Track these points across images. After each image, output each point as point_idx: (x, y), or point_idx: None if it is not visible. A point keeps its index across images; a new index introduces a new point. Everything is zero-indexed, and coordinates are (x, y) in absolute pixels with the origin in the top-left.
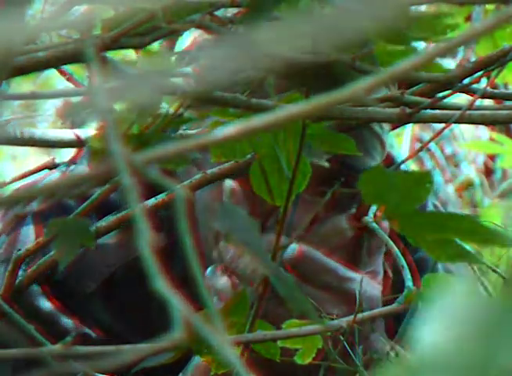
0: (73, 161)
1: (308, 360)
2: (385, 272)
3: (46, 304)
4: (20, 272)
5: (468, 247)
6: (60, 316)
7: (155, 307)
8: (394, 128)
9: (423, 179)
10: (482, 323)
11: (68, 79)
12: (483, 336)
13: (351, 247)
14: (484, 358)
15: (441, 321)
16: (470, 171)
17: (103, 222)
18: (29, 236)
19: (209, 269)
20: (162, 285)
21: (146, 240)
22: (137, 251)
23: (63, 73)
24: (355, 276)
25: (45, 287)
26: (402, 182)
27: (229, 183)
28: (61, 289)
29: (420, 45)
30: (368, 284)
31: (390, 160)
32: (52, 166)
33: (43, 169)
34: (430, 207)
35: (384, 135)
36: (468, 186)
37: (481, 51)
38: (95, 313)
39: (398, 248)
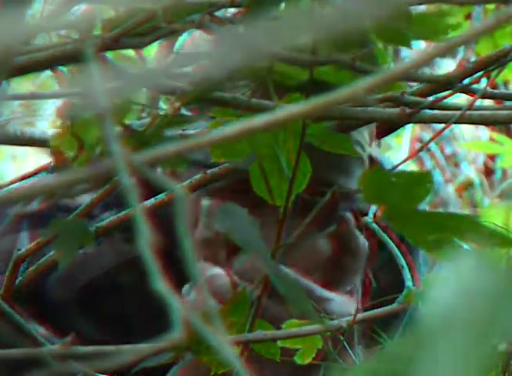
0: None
1: (308, 360)
2: (366, 279)
3: (27, 318)
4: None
5: (468, 247)
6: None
7: (132, 316)
8: (381, 137)
9: (424, 179)
10: (489, 290)
11: (61, 82)
12: (489, 302)
13: (328, 266)
14: (490, 322)
15: (449, 288)
16: (470, 171)
17: (103, 223)
18: (24, 241)
19: (185, 287)
20: (162, 285)
21: (147, 240)
22: (115, 261)
23: (59, 76)
24: (332, 296)
25: (23, 298)
26: (403, 181)
27: (207, 201)
28: (38, 297)
29: (420, 44)
30: (347, 304)
31: (376, 165)
32: (50, 168)
33: (41, 171)
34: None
35: (364, 154)
36: (468, 186)
37: (481, 51)
38: (72, 322)
39: (398, 248)
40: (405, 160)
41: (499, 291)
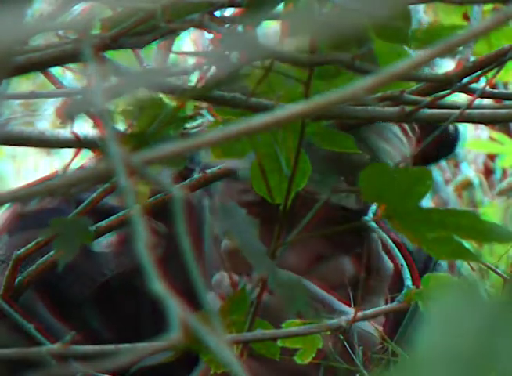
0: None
1: (307, 360)
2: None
3: (45, 313)
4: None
5: (467, 244)
6: (57, 325)
7: (145, 318)
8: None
9: (423, 177)
10: (482, 322)
11: (56, 85)
12: (482, 335)
13: (351, 285)
14: (483, 356)
15: (441, 320)
16: (470, 171)
17: (103, 222)
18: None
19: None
20: (159, 286)
21: (144, 241)
22: (132, 261)
23: (52, 79)
24: (349, 310)
25: (41, 294)
26: (402, 179)
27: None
28: (54, 294)
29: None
30: (365, 324)
31: None
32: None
33: (46, 181)
34: None
35: None
36: (468, 185)
37: (479, 52)
38: (86, 320)
39: (398, 249)
40: (405, 160)
41: (491, 324)
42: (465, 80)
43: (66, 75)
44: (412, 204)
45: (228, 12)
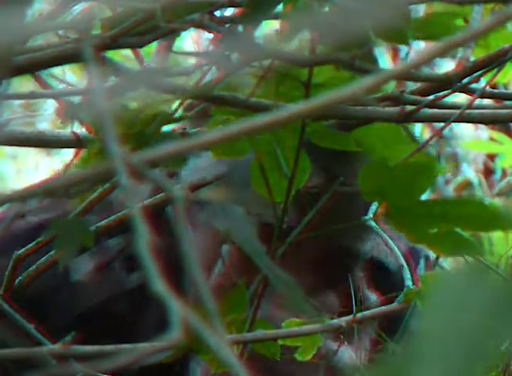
0: None
1: (308, 358)
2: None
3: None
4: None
5: (469, 236)
6: None
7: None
8: None
9: (426, 169)
10: (483, 309)
11: (42, 85)
12: (483, 322)
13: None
14: (483, 343)
15: (446, 299)
16: (470, 172)
17: (103, 222)
18: None
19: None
20: (160, 286)
21: (145, 240)
22: (111, 289)
23: (42, 83)
24: (339, 349)
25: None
26: (404, 174)
27: (226, 247)
28: (39, 322)
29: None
30: (351, 357)
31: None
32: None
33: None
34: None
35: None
36: (468, 185)
37: (477, 53)
38: None
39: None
40: (404, 160)
41: (495, 304)
42: (465, 80)
43: (67, 75)
44: (413, 198)
45: (229, 12)
